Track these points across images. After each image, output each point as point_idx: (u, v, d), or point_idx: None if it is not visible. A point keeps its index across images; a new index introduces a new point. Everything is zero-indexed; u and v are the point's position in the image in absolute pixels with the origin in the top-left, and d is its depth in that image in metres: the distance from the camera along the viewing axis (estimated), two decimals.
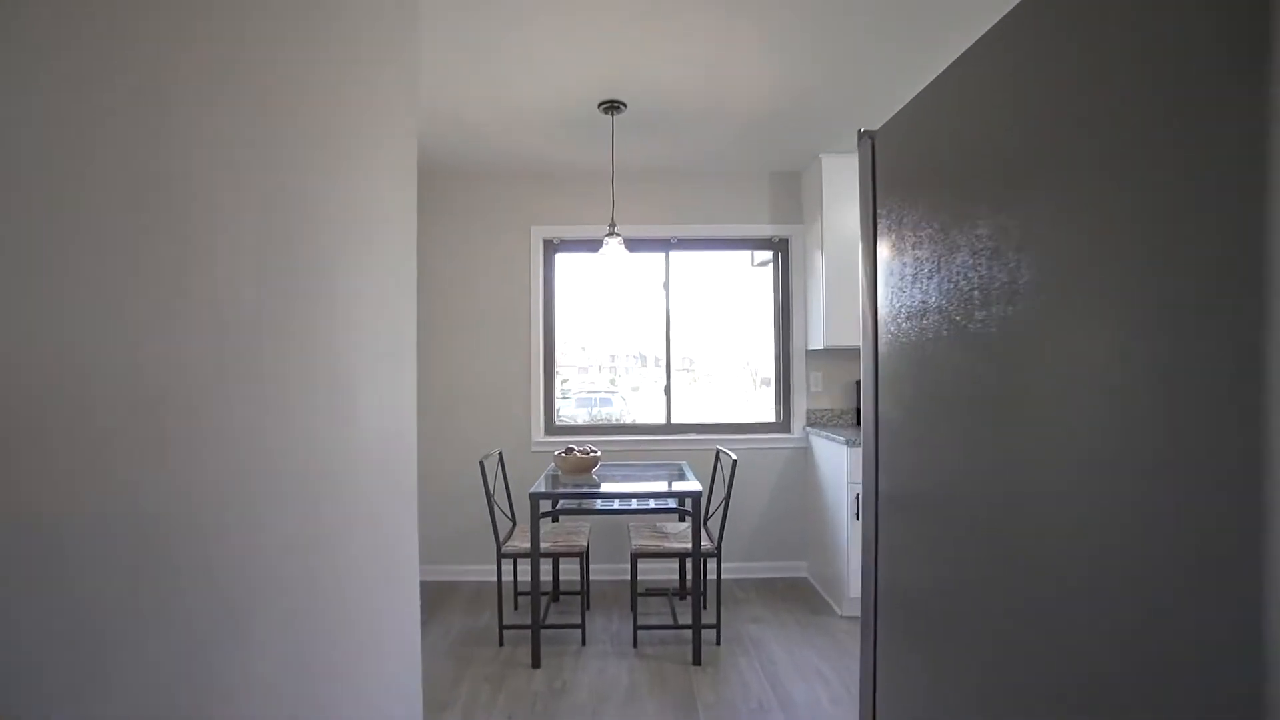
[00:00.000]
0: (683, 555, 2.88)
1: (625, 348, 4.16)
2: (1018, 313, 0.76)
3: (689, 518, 3.13)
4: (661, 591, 3.51)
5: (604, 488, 2.89)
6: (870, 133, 1.19)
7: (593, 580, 3.68)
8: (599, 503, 2.93)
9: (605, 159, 3.47)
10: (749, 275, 4.12)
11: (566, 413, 4.08)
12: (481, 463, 2.88)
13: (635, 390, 4.16)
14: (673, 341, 3.97)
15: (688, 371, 4.11)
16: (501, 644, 2.89)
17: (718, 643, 2.89)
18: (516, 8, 2.08)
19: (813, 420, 3.86)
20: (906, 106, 1.05)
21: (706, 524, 3.01)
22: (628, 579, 3.50)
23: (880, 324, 1.15)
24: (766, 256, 4.05)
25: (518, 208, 3.88)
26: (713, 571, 3.49)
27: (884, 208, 1.13)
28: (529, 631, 2.82)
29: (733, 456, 2.99)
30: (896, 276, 1.08)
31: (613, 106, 2.84)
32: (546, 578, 3.42)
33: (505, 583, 3.34)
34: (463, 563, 3.80)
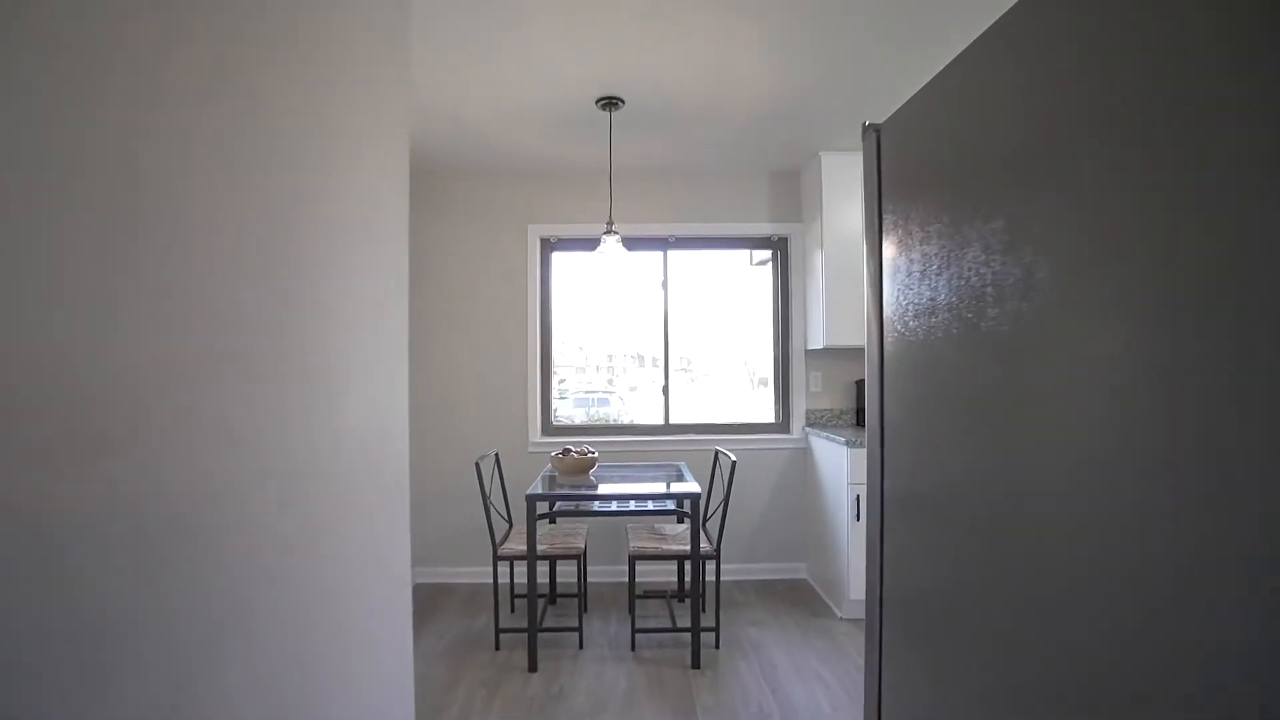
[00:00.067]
0: (681, 557, 2.87)
1: (623, 347, 4.15)
2: (1032, 310, 0.74)
3: (687, 519, 3.11)
4: (660, 594, 3.51)
5: (602, 489, 2.88)
6: (876, 125, 1.15)
7: (590, 583, 3.67)
8: (596, 504, 2.92)
9: (603, 157, 3.47)
10: (748, 274, 4.11)
11: (564, 413, 4.07)
12: (478, 464, 2.87)
13: (633, 390, 4.15)
14: (671, 341, 3.97)
15: (686, 371, 4.10)
16: (498, 647, 2.88)
17: (717, 646, 2.88)
18: (516, 8, 2.08)
19: (812, 420, 3.86)
20: (914, 98, 1.02)
21: (705, 525, 3.00)
22: (626, 581, 3.48)
23: (886, 322, 1.12)
24: (765, 255, 4.04)
25: (515, 206, 3.87)
26: (711, 573, 3.48)
27: (890, 202, 1.10)
28: (525, 635, 2.81)
29: (731, 457, 2.97)
30: (903, 273, 1.05)
31: (611, 103, 2.84)
32: (543, 580, 3.41)
33: (502, 585, 3.33)
34: (459, 564, 3.79)
